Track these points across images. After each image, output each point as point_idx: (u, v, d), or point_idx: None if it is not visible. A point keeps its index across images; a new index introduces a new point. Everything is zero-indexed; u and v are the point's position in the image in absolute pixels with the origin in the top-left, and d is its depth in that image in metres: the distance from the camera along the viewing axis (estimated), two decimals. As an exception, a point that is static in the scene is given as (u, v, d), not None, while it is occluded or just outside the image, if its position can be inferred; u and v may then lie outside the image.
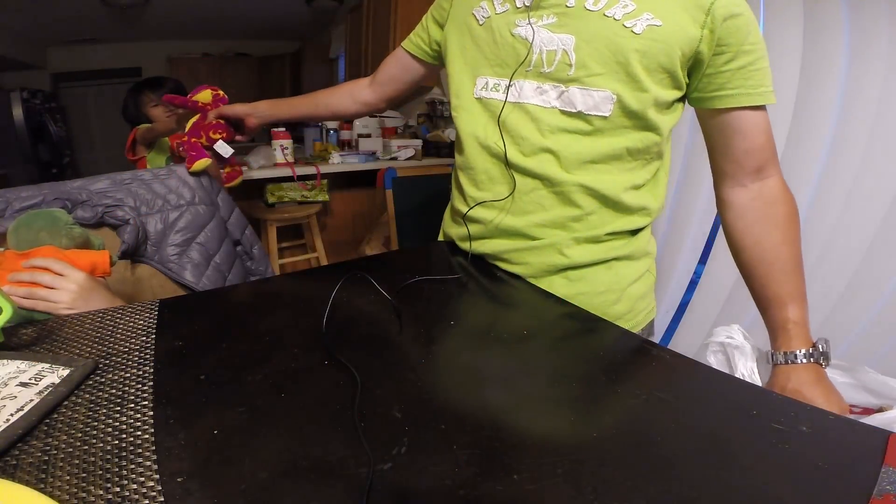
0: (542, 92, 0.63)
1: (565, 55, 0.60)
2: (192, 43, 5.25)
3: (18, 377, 0.41)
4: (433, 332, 0.52)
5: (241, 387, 0.41)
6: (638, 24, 0.57)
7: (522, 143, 0.65)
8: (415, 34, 0.83)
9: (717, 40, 0.56)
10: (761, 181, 0.63)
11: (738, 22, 0.56)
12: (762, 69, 0.58)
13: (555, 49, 0.61)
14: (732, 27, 0.56)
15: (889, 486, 0.30)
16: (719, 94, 0.59)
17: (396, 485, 0.31)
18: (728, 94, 0.59)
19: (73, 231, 0.73)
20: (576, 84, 0.61)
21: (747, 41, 0.57)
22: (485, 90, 0.68)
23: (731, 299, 1.41)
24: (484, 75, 0.68)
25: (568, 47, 0.60)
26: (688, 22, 0.56)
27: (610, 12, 0.58)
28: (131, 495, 0.30)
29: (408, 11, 2.71)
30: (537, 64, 0.62)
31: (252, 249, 1.15)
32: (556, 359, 0.47)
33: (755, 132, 0.61)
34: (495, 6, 0.66)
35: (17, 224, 0.70)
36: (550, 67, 0.62)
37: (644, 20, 0.56)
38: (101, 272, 0.72)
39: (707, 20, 0.56)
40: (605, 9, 0.58)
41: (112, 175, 0.97)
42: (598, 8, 0.58)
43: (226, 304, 0.59)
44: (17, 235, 0.69)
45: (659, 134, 0.63)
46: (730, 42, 0.56)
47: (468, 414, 0.38)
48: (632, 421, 0.38)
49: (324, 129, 3.19)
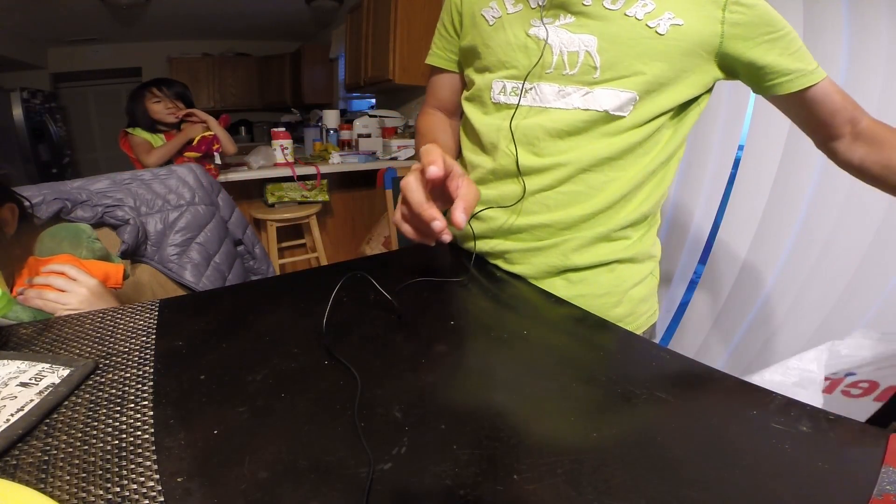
0: (564, 95, 0.61)
1: (588, 57, 0.59)
2: (192, 43, 5.25)
3: (19, 377, 0.41)
4: (433, 331, 0.52)
5: (241, 387, 0.41)
6: (661, 25, 0.56)
7: (537, 145, 0.64)
8: (441, 49, 0.78)
9: (742, 35, 0.57)
10: (855, 129, 0.64)
11: (757, 12, 0.56)
12: (801, 48, 0.59)
13: (577, 50, 0.59)
14: (755, 18, 0.56)
15: (889, 486, 0.30)
16: (778, 81, 0.60)
17: (396, 485, 0.31)
18: (786, 80, 0.59)
19: (95, 245, 0.77)
20: (601, 86, 0.59)
21: (775, 28, 0.57)
22: (503, 94, 0.66)
23: (731, 299, 1.41)
24: (500, 78, 0.66)
25: (591, 48, 0.58)
26: (706, 20, 0.56)
27: (630, 12, 0.56)
28: (131, 495, 0.30)
29: (408, 11, 2.71)
30: (558, 66, 0.61)
31: (253, 249, 1.15)
32: (557, 359, 0.47)
33: (830, 99, 0.62)
34: (507, 6, 0.64)
35: (44, 234, 0.76)
36: (574, 70, 0.60)
37: (666, 20, 0.56)
38: (112, 283, 0.75)
39: (724, 16, 0.56)
40: (625, 8, 0.57)
41: (112, 175, 0.97)
42: (617, 7, 0.57)
43: (226, 304, 0.59)
44: (42, 244, 0.75)
45: (678, 133, 0.63)
46: (758, 33, 0.57)
47: (468, 414, 0.38)
48: (632, 421, 0.38)
49: (324, 129, 3.19)
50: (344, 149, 2.98)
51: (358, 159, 2.78)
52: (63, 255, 0.73)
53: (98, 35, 4.59)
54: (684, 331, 1.54)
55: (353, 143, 3.02)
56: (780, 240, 1.29)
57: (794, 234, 1.27)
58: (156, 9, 4.07)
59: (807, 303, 1.24)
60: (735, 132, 1.36)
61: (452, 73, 0.78)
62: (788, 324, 1.29)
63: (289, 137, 2.60)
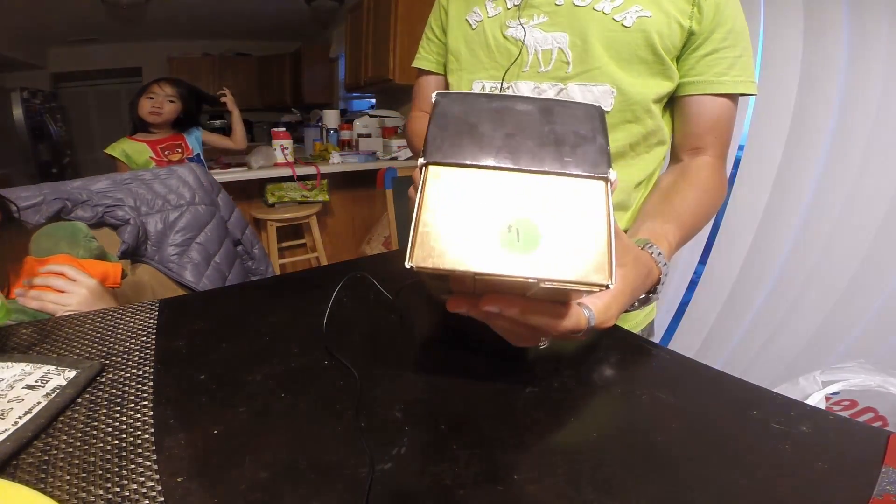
0: (539, 92, 0.63)
1: (561, 53, 0.60)
2: (192, 43, 5.25)
3: (24, 380, 0.41)
4: (434, 331, 0.52)
5: (241, 387, 0.41)
6: (627, 18, 0.57)
7: None
8: (428, 52, 0.79)
9: (706, 30, 0.57)
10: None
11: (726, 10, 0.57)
12: (730, 58, 0.59)
13: (550, 48, 0.61)
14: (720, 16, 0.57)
15: (889, 486, 0.30)
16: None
17: (396, 485, 0.31)
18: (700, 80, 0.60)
19: (91, 244, 0.77)
20: (574, 81, 0.61)
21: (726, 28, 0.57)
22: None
23: (731, 299, 1.41)
24: (480, 79, 0.68)
25: (563, 45, 0.60)
26: (676, 12, 0.57)
27: (599, 6, 0.58)
28: (131, 495, 0.30)
29: (408, 11, 2.71)
30: (533, 64, 0.62)
31: (252, 249, 1.15)
32: (556, 358, 0.47)
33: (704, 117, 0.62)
34: (487, 10, 0.66)
35: (40, 233, 0.75)
36: (548, 66, 0.62)
37: (633, 12, 0.57)
38: (111, 283, 0.75)
39: (693, 11, 0.56)
40: (594, 3, 0.58)
41: (112, 175, 0.97)
42: (586, 3, 0.59)
43: (226, 304, 0.59)
44: (39, 243, 0.74)
45: (662, 123, 0.63)
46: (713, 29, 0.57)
47: (468, 414, 0.38)
48: (632, 421, 0.38)
49: (324, 129, 3.19)
50: (344, 149, 2.98)
51: (358, 159, 2.78)
52: (61, 255, 0.72)
53: (98, 35, 4.59)
54: (684, 331, 1.54)
55: (353, 143, 3.02)
56: (780, 240, 1.29)
57: (794, 234, 1.27)
58: (156, 9, 4.07)
59: (807, 303, 1.24)
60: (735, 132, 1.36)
61: (440, 76, 0.79)
62: (788, 324, 1.29)
63: (289, 137, 2.60)
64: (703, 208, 0.60)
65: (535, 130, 0.31)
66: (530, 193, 0.29)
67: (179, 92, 2.04)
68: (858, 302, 1.15)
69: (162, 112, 2.00)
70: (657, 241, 0.49)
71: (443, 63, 0.78)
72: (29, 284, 0.67)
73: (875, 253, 1.11)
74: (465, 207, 0.29)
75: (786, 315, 1.29)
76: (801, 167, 1.22)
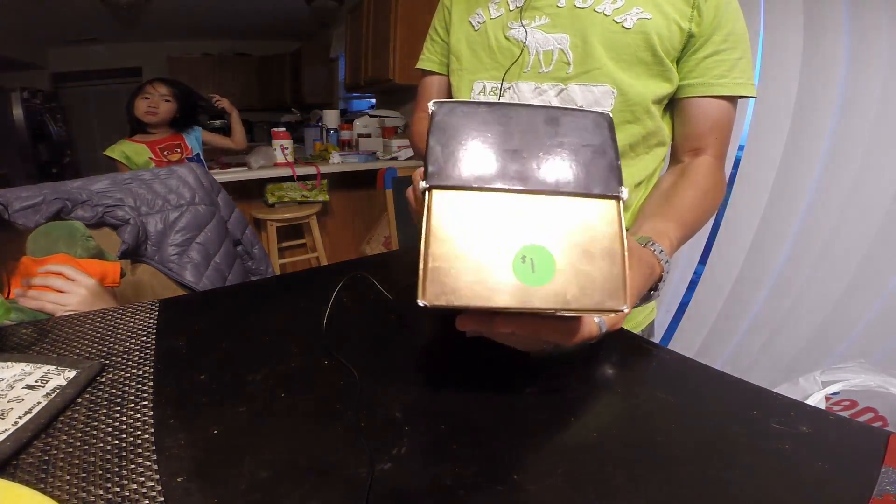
0: (540, 92, 0.63)
1: (562, 54, 0.61)
2: (192, 43, 5.25)
3: (24, 380, 0.41)
4: (434, 331, 0.52)
5: (241, 387, 0.41)
6: (628, 19, 0.57)
7: None
8: (432, 53, 0.79)
9: (706, 32, 0.57)
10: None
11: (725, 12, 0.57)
12: (728, 60, 0.59)
13: (551, 49, 0.61)
14: (719, 19, 0.57)
15: (889, 486, 0.30)
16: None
17: (396, 485, 0.31)
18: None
19: (89, 243, 0.76)
20: (575, 81, 0.61)
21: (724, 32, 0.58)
22: (482, 94, 0.68)
23: (731, 299, 1.41)
24: (481, 80, 0.68)
25: (564, 46, 0.60)
26: (676, 14, 0.57)
27: (600, 8, 0.58)
28: (131, 495, 0.30)
29: (408, 11, 2.71)
30: (534, 64, 0.63)
31: (252, 249, 1.15)
32: (556, 359, 0.47)
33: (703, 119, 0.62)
34: (490, 11, 0.67)
35: (37, 233, 0.74)
36: (549, 67, 0.62)
37: (634, 14, 0.57)
38: (110, 282, 0.74)
39: (693, 14, 0.57)
40: (595, 5, 0.59)
41: (112, 175, 0.97)
42: (587, 5, 0.59)
43: (226, 304, 0.59)
44: (36, 243, 0.73)
45: (662, 124, 0.63)
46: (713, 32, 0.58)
47: (468, 414, 0.38)
48: (632, 421, 0.38)
49: (324, 129, 3.19)
50: (344, 149, 2.98)
51: (358, 159, 2.78)
52: (59, 255, 0.72)
53: (98, 35, 4.59)
54: (684, 331, 1.54)
55: (353, 143, 3.02)
56: (780, 240, 1.29)
57: (794, 234, 1.27)
58: (156, 9, 4.07)
59: (807, 303, 1.24)
60: (735, 132, 1.36)
61: (443, 76, 0.80)
62: (788, 324, 1.29)
63: (289, 137, 2.60)
64: (702, 207, 0.60)
65: (542, 144, 0.29)
66: (541, 217, 0.27)
67: (174, 91, 2.03)
68: (858, 302, 1.15)
69: (158, 112, 1.99)
70: (658, 239, 0.49)
71: (446, 64, 0.78)
72: (27, 284, 0.66)
73: (875, 253, 1.11)
74: (474, 236, 0.27)
75: (786, 315, 1.29)
76: (801, 167, 1.22)
